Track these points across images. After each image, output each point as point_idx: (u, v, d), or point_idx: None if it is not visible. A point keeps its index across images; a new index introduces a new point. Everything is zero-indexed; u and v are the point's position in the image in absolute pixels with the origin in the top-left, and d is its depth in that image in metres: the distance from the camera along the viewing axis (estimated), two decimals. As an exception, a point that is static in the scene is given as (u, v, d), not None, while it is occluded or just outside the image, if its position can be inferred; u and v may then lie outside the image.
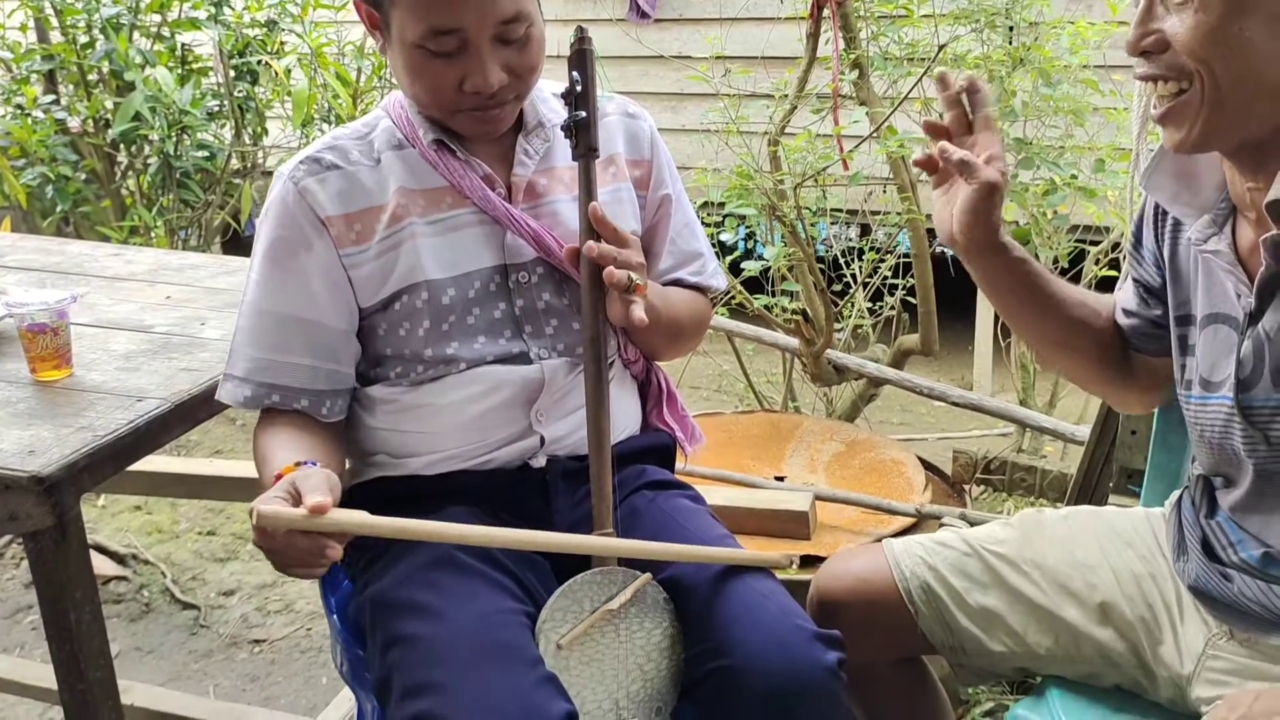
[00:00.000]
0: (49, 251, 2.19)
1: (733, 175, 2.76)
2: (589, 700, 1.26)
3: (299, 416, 1.39)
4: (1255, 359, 1.15)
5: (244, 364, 1.39)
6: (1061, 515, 1.46)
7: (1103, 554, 1.38)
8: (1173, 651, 1.30)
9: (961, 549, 1.42)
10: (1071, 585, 1.36)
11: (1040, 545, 1.40)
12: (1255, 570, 1.20)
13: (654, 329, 1.39)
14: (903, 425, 4.18)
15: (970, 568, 1.40)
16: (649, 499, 1.48)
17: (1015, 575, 1.39)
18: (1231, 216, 1.19)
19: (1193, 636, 1.28)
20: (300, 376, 1.39)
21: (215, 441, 3.57)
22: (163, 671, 2.43)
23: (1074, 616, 1.35)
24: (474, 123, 1.36)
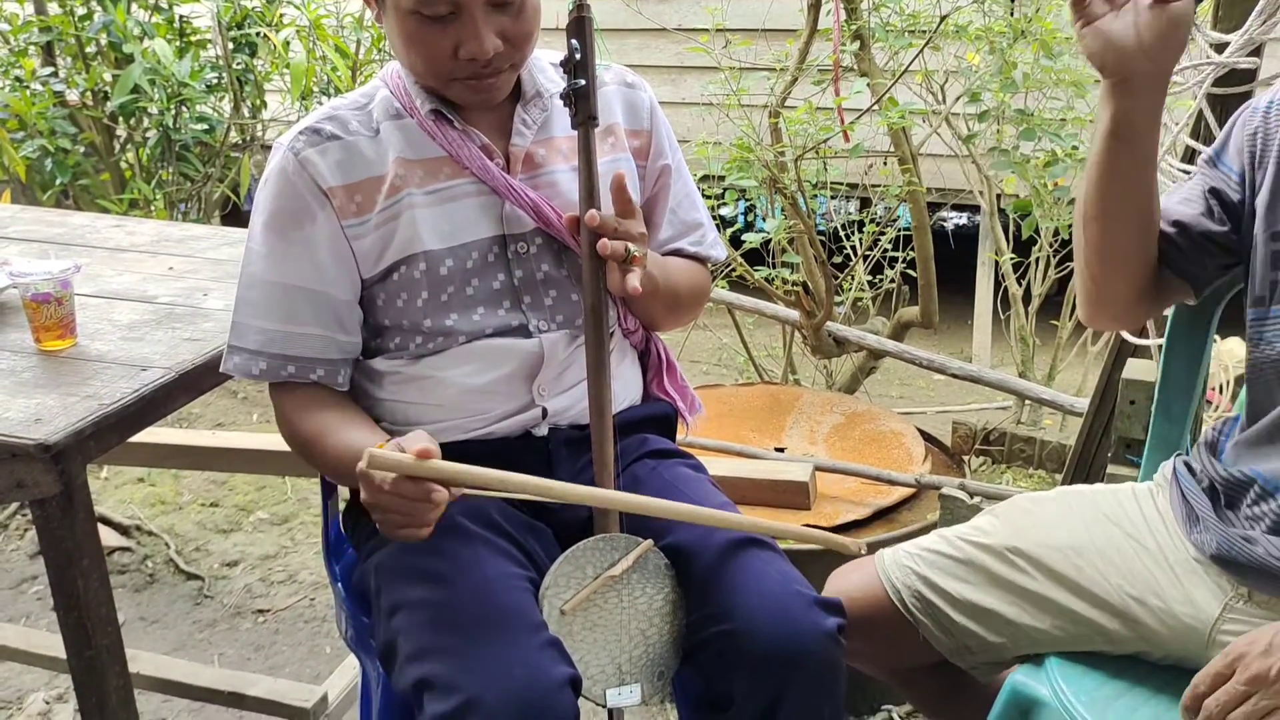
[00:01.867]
0: (50, 223, 2.19)
1: (733, 148, 2.76)
2: (592, 664, 1.27)
3: (324, 390, 1.41)
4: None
5: (255, 336, 1.39)
6: (1049, 498, 1.46)
7: (1088, 536, 1.38)
8: (1177, 621, 1.31)
9: (948, 551, 1.43)
10: (1060, 569, 1.37)
11: (1026, 533, 1.40)
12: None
13: (652, 299, 1.39)
14: (902, 399, 4.20)
15: (958, 569, 1.41)
16: (651, 467, 1.49)
17: (1004, 567, 1.39)
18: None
19: (1204, 602, 1.29)
20: (314, 347, 1.39)
21: (217, 414, 3.58)
22: (167, 641, 2.45)
23: (1066, 600, 1.36)
24: (469, 91, 1.36)
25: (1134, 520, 1.39)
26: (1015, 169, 2.55)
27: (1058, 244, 3.07)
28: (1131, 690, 1.32)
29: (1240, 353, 3.40)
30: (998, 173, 2.78)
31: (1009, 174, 2.62)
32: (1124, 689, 1.32)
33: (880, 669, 1.53)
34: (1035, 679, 1.36)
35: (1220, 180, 1.33)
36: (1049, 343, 3.36)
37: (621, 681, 1.29)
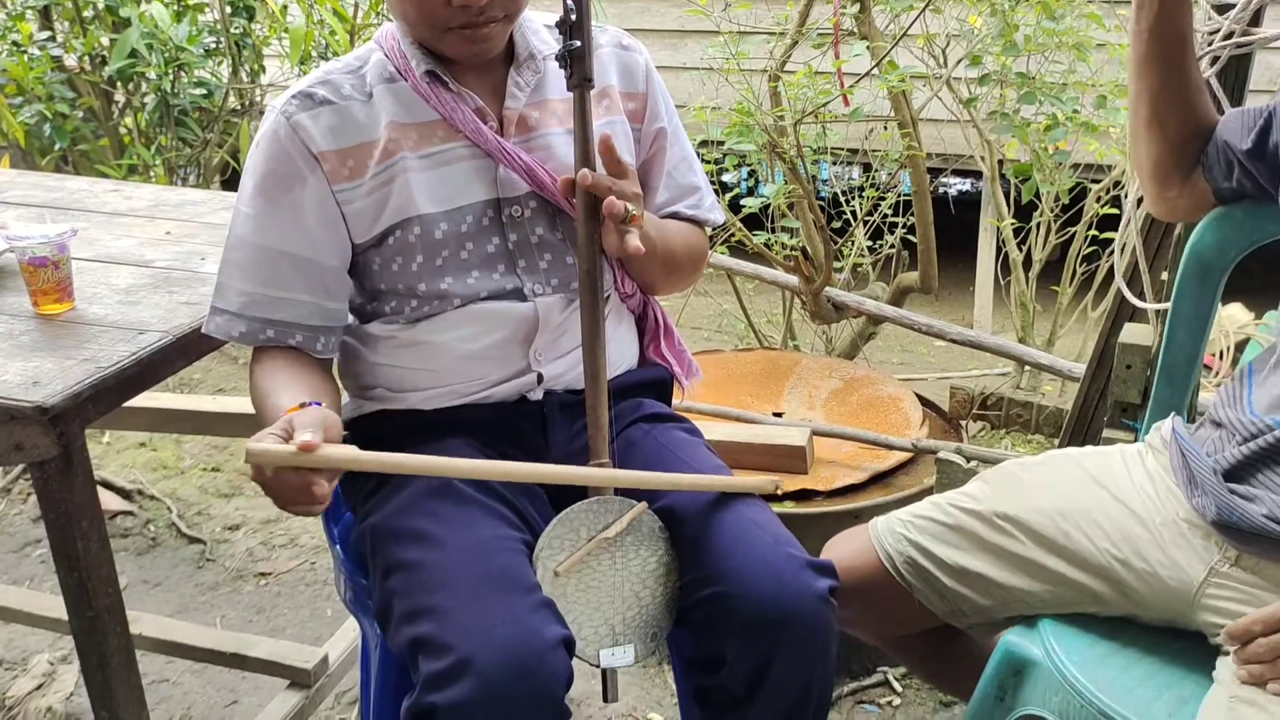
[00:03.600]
0: (47, 187, 2.19)
1: (733, 113, 2.74)
2: (585, 625, 1.28)
3: (293, 353, 1.40)
4: None
5: (237, 298, 1.39)
6: (1038, 462, 1.47)
7: (1076, 499, 1.39)
8: (1160, 584, 1.31)
9: (939, 517, 1.44)
10: (1047, 534, 1.37)
11: (1014, 499, 1.41)
12: None
13: (650, 261, 1.39)
14: (902, 365, 4.20)
15: (949, 535, 1.42)
16: (645, 431, 1.50)
17: (992, 532, 1.40)
18: None
19: (1188, 565, 1.30)
20: (296, 312, 1.39)
21: (217, 380, 3.59)
22: (170, 604, 2.47)
23: (1054, 564, 1.37)
24: (463, 43, 1.35)
25: (1120, 482, 1.39)
26: (1016, 133, 2.54)
27: (1059, 209, 3.06)
28: (1123, 650, 1.33)
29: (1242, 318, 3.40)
30: (999, 137, 2.76)
31: (1010, 138, 2.61)
32: (1116, 649, 1.34)
33: (877, 635, 1.55)
34: (1028, 639, 1.38)
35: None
36: (1049, 309, 3.36)
37: (615, 642, 1.30)
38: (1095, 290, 3.13)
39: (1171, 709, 1.23)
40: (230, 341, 1.41)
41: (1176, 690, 1.27)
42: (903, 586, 1.43)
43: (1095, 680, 1.28)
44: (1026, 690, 1.36)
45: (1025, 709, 1.36)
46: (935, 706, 2.07)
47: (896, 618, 1.48)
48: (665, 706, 2.10)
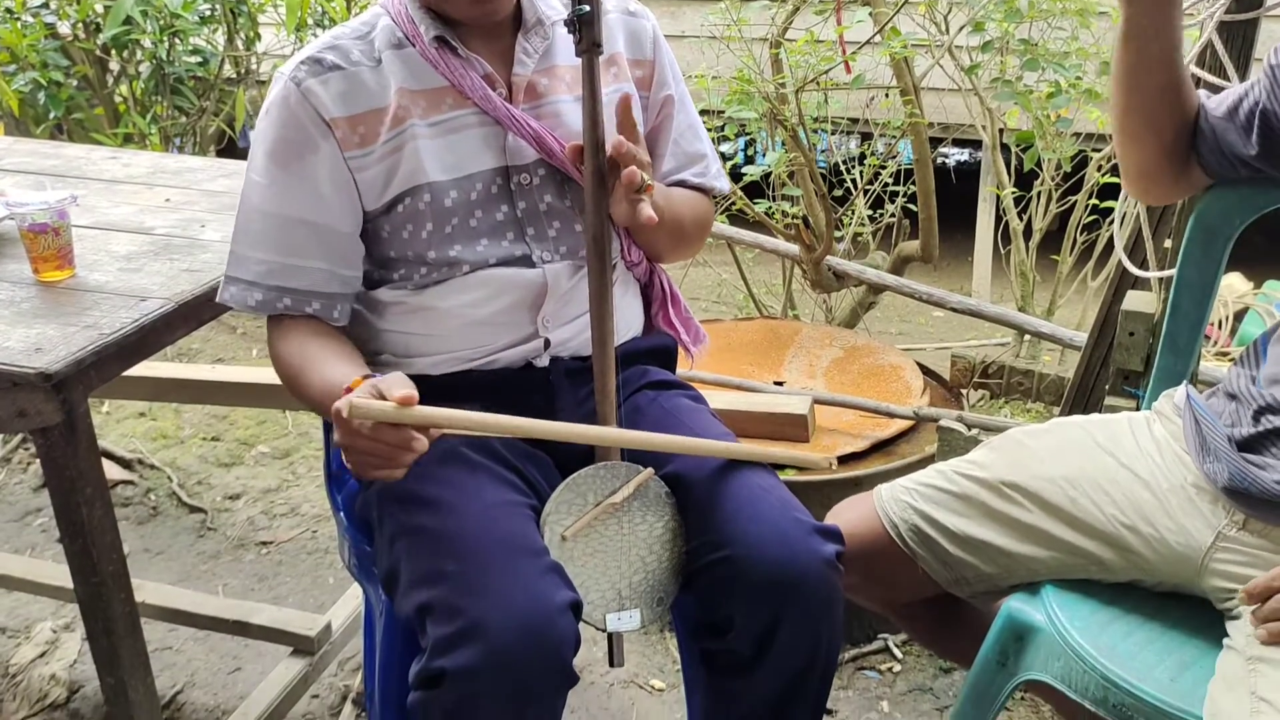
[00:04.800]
0: (45, 155, 2.17)
1: (733, 81, 2.73)
2: (592, 590, 1.29)
3: (314, 323, 1.40)
4: None
5: (253, 267, 1.38)
6: (1044, 430, 1.47)
7: (1083, 466, 1.39)
8: (1168, 549, 1.32)
9: (944, 485, 1.44)
10: (1054, 501, 1.38)
11: (1021, 467, 1.41)
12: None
13: (658, 229, 1.39)
14: (901, 335, 4.20)
15: (954, 503, 1.42)
16: (651, 398, 1.49)
17: (999, 500, 1.40)
18: None
19: (1196, 530, 1.30)
20: (313, 280, 1.38)
21: (217, 349, 3.58)
22: (172, 572, 2.47)
23: (1060, 531, 1.37)
24: (469, 3, 1.34)
25: (1128, 449, 1.39)
26: (1019, 100, 2.52)
27: (1059, 177, 3.05)
28: (1126, 616, 1.34)
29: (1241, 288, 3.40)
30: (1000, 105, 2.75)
31: (1012, 105, 2.60)
32: (1118, 614, 1.34)
33: (879, 603, 1.55)
34: (1030, 605, 1.38)
35: (1274, 101, 1.34)
36: (1049, 278, 3.35)
37: (621, 607, 1.30)
38: (1095, 259, 3.12)
39: (1174, 673, 1.24)
40: (246, 311, 1.40)
41: (1178, 655, 1.27)
42: (906, 554, 1.43)
43: (1098, 645, 1.28)
44: (1029, 656, 1.37)
45: (1027, 674, 1.37)
46: (935, 673, 2.09)
47: (898, 585, 1.48)
48: (667, 674, 2.11)
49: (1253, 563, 1.25)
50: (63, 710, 2.05)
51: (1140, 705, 1.21)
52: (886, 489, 1.49)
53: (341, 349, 1.37)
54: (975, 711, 1.45)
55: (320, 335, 1.38)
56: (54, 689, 2.08)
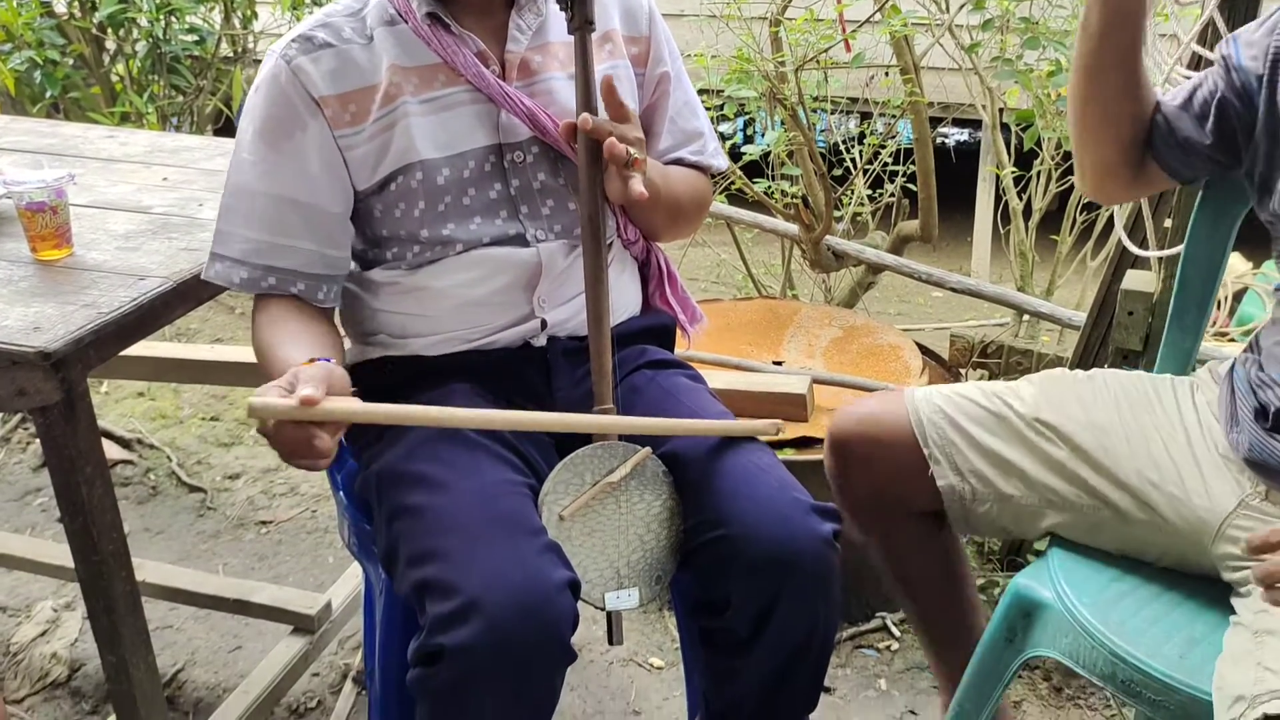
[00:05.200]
0: (42, 133, 2.16)
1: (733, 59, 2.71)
2: (590, 569, 1.29)
3: (297, 303, 1.39)
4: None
5: (239, 245, 1.38)
6: (1086, 377, 1.48)
7: (1119, 418, 1.40)
8: (1190, 511, 1.33)
9: (982, 401, 1.45)
10: (1085, 445, 1.39)
11: (1059, 407, 1.42)
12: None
13: (654, 207, 1.39)
14: (900, 315, 4.20)
15: (989, 421, 1.44)
16: (649, 377, 1.50)
17: (1031, 432, 1.42)
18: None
19: (1222, 495, 1.31)
20: (299, 260, 1.38)
21: (215, 329, 3.58)
22: (172, 551, 2.48)
23: (1086, 474, 1.38)
24: None
25: (1168, 411, 1.41)
26: (1019, 79, 2.51)
27: (1059, 157, 3.04)
28: (1134, 592, 1.35)
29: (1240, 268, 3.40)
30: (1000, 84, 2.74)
31: (1012, 84, 2.59)
32: (1126, 591, 1.35)
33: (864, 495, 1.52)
34: (1039, 582, 1.39)
35: (1231, 90, 1.35)
36: (1048, 258, 3.35)
37: (620, 585, 1.31)
38: (1095, 239, 3.12)
39: (1182, 650, 1.25)
40: (230, 289, 1.40)
41: (1187, 631, 1.28)
42: (919, 455, 1.44)
43: (1106, 622, 1.29)
44: (1036, 632, 1.37)
45: (1035, 650, 1.37)
46: (933, 651, 2.09)
47: (894, 483, 1.48)
48: (666, 651, 2.12)
49: None
50: (64, 688, 2.06)
51: (1149, 681, 1.22)
52: (920, 391, 1.50)
53: (311, 330, 1.35)
54: (982, 688, 1.46)
55: (297, 316, 1.37)
56: (55, 667, 2.09)
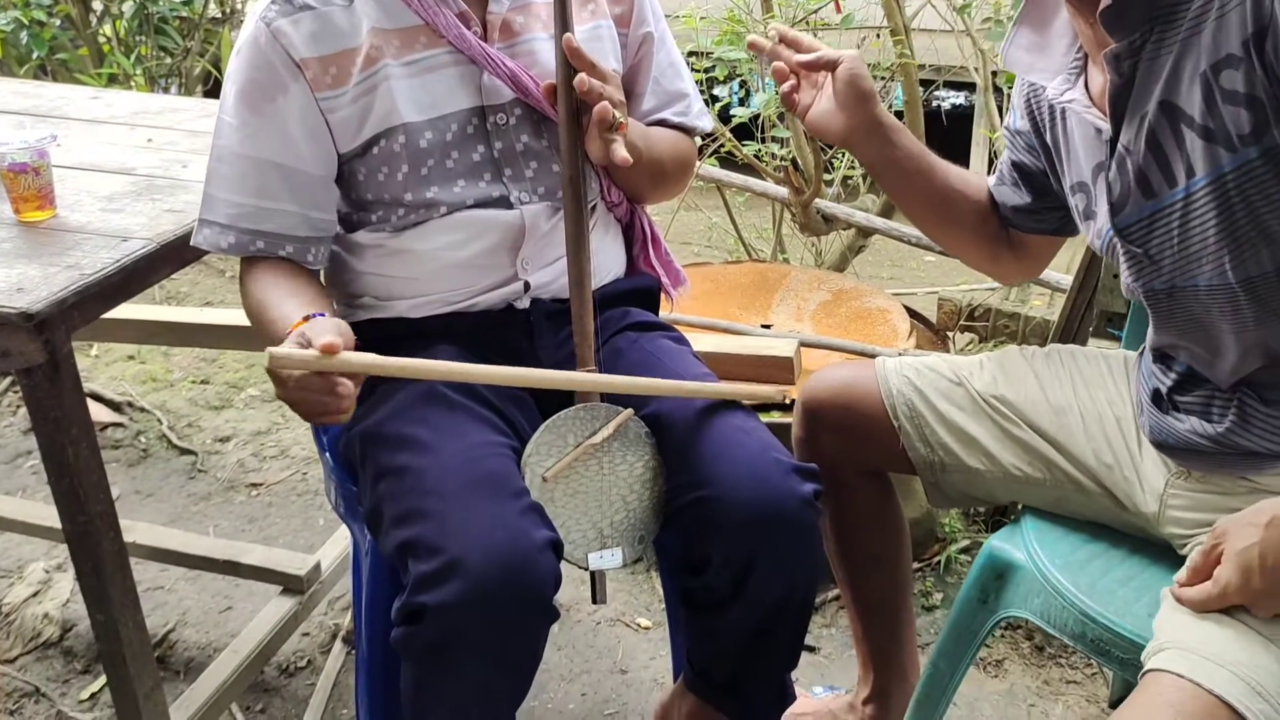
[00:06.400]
0: (25, 94, 2.15)
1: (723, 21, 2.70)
2: (573, 530, 1.30)
3: (286, 264, 1.39)
4: (1120, 176, 1.19)
5: (225, 209, 1.38)
6: (1043, 354, 1.49)
7: (1074, 396, 1.42)
8: (1138, 492, 1.34)
9: (948, 375, 1.47)
10: (1043, 425, 1.41)
11: (1017, 384, 1.44)
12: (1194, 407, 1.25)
13: (636, 169, 1.38)
14: (892, 280, 4.20)
15: (954, 394, 1.45)
16: (632, 339, 1.50)
17: (991, 410, 1.43)
18: (1083, 72, 1.26)
19: (1153, 477, 1.33)
20: (285, 223, 1.38)
21: (205, 293, 3.57)
22: (162, 513, 2.49)
23: (1047, 451, 1.40)
24: None
25: (1120, 390, 1.41)
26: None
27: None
28: (1105, 554, 1.36)
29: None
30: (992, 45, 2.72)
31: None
32: (1097, 552, 1.37)
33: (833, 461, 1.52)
34: (1011, 544, 1.40)
35: (1016, 153, 1.43)
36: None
37: (603, 545, 1.32)
38: (1085, 203, 3.11)
39: (1151, 609, 1.24)
40: (219, 253, 1.40)
41: (1155, 592, 1.28)
42: (888, 424, 1.46)
43: (1077, 583, 1.30)
44: (1009, 593, 1.39)
45: (1007, 611, 1.39)
46: (917, 611, 2.11)
47: (865, 449, 1.50)
48: (653, 611, 2.14)
49: (1197, 506, 1.28)
50: (56, 648, 2.08)
51: (1117, 640, 1.24)
52: (891, 361, 1.52)
53: (306, 289, 1.36)
54: (956, 648, 1.48)
55: (289, 276, 1.37)
56: (47, 627, 2.11)
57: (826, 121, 1.36)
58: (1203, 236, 1.12)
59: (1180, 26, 1.09)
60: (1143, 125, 1.14)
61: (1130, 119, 1.16)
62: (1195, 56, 1.07)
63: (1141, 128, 1.15)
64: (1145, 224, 1.18)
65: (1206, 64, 1.06)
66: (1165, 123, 1.12)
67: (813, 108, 1.36)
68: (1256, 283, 1.11)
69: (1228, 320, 1.16)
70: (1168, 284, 1.19)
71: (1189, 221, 1.13)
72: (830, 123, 1.35)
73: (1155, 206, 1.16)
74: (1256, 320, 1.13)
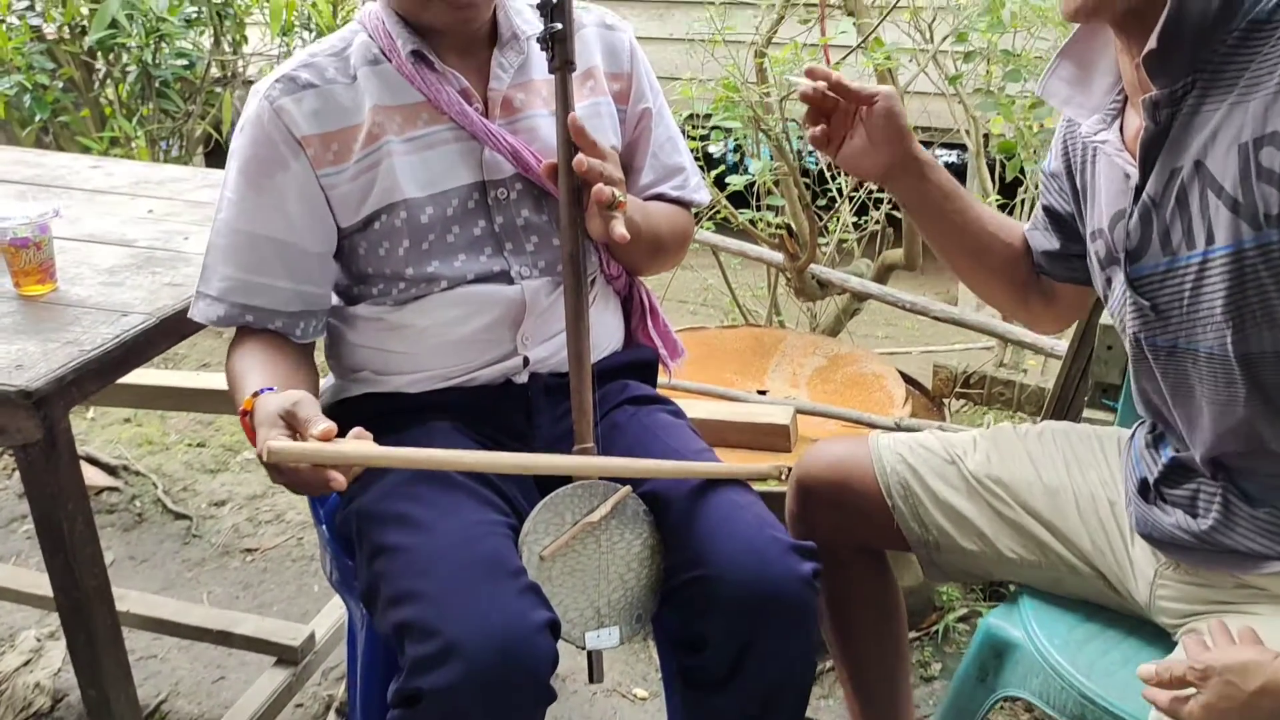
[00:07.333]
0: (28, 164, 2.17)
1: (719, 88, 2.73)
2: (571, 609, 1.30)
3: (272, 336, 1.40)
4: (1142, 226, 1.19)
5: (219, 283, 1.39)
6: (1035, 433, 1.49)
7: (1068, 477, 1.41)
8: (1130, 578, 1.34)
9: (941, 454, 1.47)
10: (1037, 506, 1.40)
11: (1010, 464, 1.43)
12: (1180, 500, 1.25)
13: (635, 244, 1.39)
14: (886, 339, 4.21)
15: (948, 473, 1.45)
16: (630, 414, 1.50)
17: (984, 490, 1.43)
18: (1120, 115, 1.25)
19: (1144, 564, 1.33)
20: (275, 298, 1.39)
21: (202, 354, 3.58)
22: (156, 580, 2.48)
23: (1040, 533, 1.39)
24: (447, 9, 1.34)
25: (1113, 470, 1.41)
26: (1001, 110, 2.53)
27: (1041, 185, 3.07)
28: (1103, 634, 1.36)
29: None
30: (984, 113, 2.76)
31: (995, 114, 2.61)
32: (1096, 632, 1.36)
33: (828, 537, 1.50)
34: (1009, 622, 1.40)
35: (1049, 196, 1.43)
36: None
37: (600, 624, 1.31)
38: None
39: (1149, 692, 1.25)
40: (211, 325, 1.41)
41: (1154, 675, 1.29)
42: (884, 503, 1.45)
43: (1076, 663, 1.30)
44: (1007, 672, 1.38)
45: (1005, 690, 1.39)
46: (915, 682, 2.10)
47: (861, 528, 1.50)
48: (650, 682, 2.12)
49: (1185, 598, 1.27)
50: (47, 719, 2.05)
51: (1117, 723, 1.23)
52: (885, 437, 1.51)
53: (281, 363, 1.36)
54: (955, 725, 1.46)
55: (268, 349, 1.38)
56: (38, 698, 2.09)
57: (862, 158, 1.34)
58: (1211, 304, 1.12)
59: (1227, 87, 1.08)
60: (1173, 179, 1.14)
61: (1160, 170, 1.15)
62: (1239, 125, 1.07)
63: (1171, 182, 1.14)
64: (1159, 278, 1.18)
65: (1250, 136, 1.05)
66: (1196, 183, 1.11)
67: (846, 145, 1.35)
68: (1254, 360, 1.11)
69: (1220, 393, 1.15)
70: (1171, 341, 1.19)
71: (1201, 286, 1.13)
72: (866, 160, 1.34)
73: (1171, 263, 1.16)
74: (1246, 398, 1.13)
